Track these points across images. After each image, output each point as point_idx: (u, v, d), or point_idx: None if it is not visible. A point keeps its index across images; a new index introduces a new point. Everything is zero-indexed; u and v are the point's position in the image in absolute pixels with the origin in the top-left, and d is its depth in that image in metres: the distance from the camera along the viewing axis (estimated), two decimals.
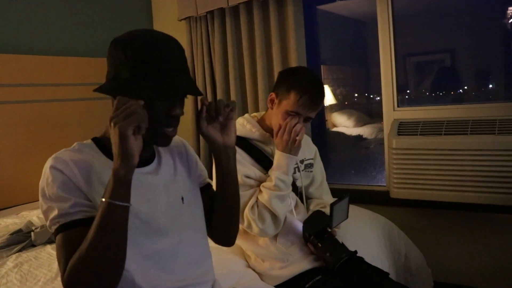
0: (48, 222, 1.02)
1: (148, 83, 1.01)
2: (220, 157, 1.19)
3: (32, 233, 2.07)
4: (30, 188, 2.83)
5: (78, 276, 0.94)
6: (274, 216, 1.65)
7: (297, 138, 1.66)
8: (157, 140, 1.09)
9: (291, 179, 1.69)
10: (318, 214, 1.76)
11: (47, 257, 1.89)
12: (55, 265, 1.78)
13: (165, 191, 1.16)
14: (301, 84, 1.65)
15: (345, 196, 1.73)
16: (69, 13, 3.21)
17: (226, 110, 1.15)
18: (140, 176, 1.10)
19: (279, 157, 1.68)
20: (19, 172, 2.82)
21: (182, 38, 3.42)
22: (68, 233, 0.98)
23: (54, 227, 1.01)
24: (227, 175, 1.22)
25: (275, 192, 1.64)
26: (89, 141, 1.15)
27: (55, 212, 0.99)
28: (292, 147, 1.67)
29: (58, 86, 3.03)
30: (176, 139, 1.30)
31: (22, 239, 2.05)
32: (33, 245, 2.05)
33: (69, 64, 3.09)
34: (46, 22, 3.07)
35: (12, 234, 2.08)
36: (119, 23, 3.50)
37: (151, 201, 1.12)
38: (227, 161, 1.20)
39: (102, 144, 1.13)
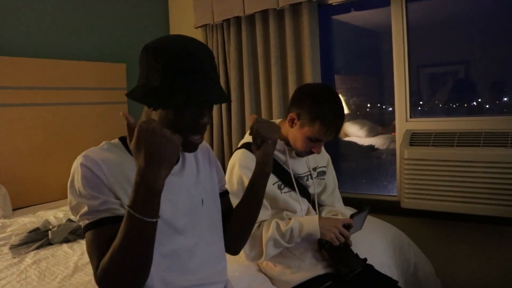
0: (77, 217, 1.05)
1: (178, 93, 1.02)
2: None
3: (49, 231, 2.12)
4: (46, 189, 2.90)
5: (109, 276, 0.97)
6: (260, 253, 1.68)
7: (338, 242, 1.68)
8: (184, 147, 1.11)
9: (298, 241, 1.70)
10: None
11: (63, 255, 1.95)
12: (71, 263, 1.84)
13: (187, 193, 1.19)
14: (327, 116, 1.64)
15: (366, 208, 1.76)
16: (88, 19, 3.29)
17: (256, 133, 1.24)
18: None
19: (314, 227, 1.68)
20: (36, 173, 2.89)
21: None
22: (97, 231, 1.02)
23: (83, 223, 1.04)
24: (253, 187, 1.29)
25: (279, 237, 1.65)
26: (117, 140, 1.17)
27: (85, 209, 1.02)
28: (329, 237, 1.68)
29: (75, 89, 3.10)
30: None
31: (40, 237, 2.10)
32: (50, 244, 2.10)
33: (87, 68, 3.17)
34: (64, 27, 3.15)
35: (30, 232, 2.13)
36: (136, 29, 3.58)
37: (173, 202, 1.14)
38: (254, 175, 1.28)
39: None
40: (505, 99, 3.14)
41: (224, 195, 1.39)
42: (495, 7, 2.88)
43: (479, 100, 3.24)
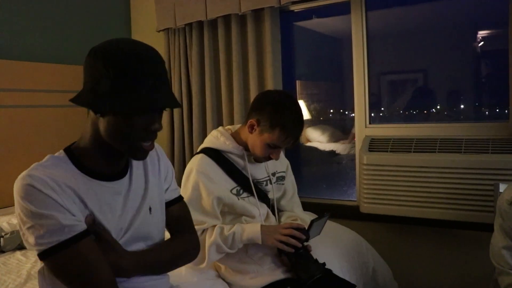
0: (33, 241, 0.98)
1: (128, 97, 0.98)
2: None
3: (1, 239, 2.05)
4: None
5: None
6: (203, 258, 1.66)
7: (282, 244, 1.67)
8: (134, 154, 1.09)
9: (240, 246, 1.70)
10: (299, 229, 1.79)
11: (16, 263, 1.88)
12: (24, 271, 1.77)
13: (134, 205, 1.16)
14: (287, 123, 1.65)
15: (326, 214, 1.78)
16: (47, 20, 3.19)
17: None
18: (112, 191, 1.11)
19: (256, 234, 1.67)
20: None
21: (160, 49, 3.42)
22: (64, 254, 0.98)
23: (40, 248, 0.98)
24: None
25: (221, 242, 1.65)
26: (62, 153, 1.11)
27: (43, 230, 0.96)
28: (271, 242, 1.68)
29: (33, 92, 3.00)
30: None
31: None
32: (2, 251, 2.03)
33: (45, 70, 3.07)
34: (22, 28, 3.05)
35: None
36: (97, 32, 3.50)
37: (121, 217, 1.12)
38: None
39: (75, 156, 1.10)
40: (462, 106, 3.25)
41: (176, 201, 1.33)
42: (452, 18, 2.99)
43: (438, 107, 3.34)
